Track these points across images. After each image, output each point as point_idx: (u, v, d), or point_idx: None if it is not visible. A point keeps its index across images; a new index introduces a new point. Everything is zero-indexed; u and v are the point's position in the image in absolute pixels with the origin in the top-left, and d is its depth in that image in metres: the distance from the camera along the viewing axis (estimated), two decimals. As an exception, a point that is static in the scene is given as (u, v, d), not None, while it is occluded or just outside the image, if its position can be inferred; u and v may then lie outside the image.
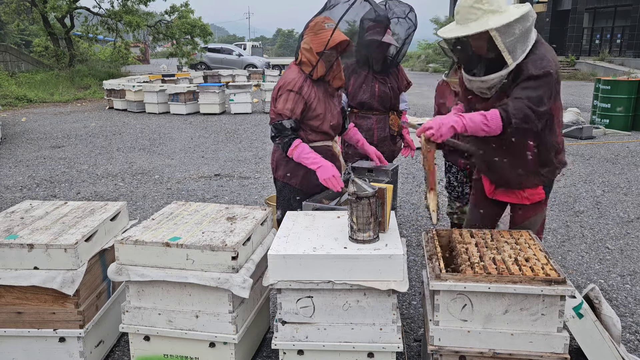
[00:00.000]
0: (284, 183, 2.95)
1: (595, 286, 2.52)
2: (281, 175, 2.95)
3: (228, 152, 8.04)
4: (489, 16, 2.20)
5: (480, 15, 2.21)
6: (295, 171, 2.89)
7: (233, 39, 78.35)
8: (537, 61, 2.21)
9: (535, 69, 2.19)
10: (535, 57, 2.22)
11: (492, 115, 2.20)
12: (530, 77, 2.19)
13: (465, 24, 2.25)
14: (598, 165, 6.98)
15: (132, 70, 23.50)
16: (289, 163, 2.89)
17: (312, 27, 2.73)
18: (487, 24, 2.17)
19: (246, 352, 2.47)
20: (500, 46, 2.18)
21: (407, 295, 3.29)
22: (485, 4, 2.20)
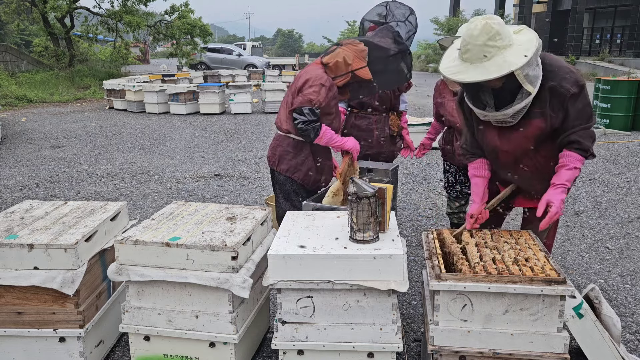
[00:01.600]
0: (286, 177, 3.01)
1: (595, 286, 2.52)
2: (284, 169, 3.01)
3: (228, 152, 8.04)
4: (503, 53, 2.08)
5: (494, 52, 2.08)
6: (300, 166, 2.98)
7: (233, 39, 78.33)
8: (568, 77, 2.20)
9: (572, 86, 2.19)
10: (563, 74, 2.20)
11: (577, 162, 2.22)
12: (573, 95, 2.20)
13: (478, 63, 2.10)
14: (598, 165, 6.98)
15: (132, 70, 23.49)
16: (294, 158, 2.97)
17: (358, 51, 2.97)
18: (508, 63, 2.06)
19: (246, 352, 2.47)
20: (523, 81, 2.11)
21: (407, 295, 3.29)
22: (499, 40, 2.08)
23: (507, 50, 2.09)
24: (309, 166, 2.99)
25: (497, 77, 2.07)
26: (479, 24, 2.09)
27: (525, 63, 2.06)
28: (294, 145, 2.99)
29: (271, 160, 3.09)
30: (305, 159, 2.98)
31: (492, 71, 2.07)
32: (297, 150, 2.98)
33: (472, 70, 2.11)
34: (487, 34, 2.07)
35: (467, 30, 2.13)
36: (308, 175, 3.00)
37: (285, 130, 2.99)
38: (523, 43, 2.13)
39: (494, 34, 2.07)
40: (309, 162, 2.99)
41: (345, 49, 2.98)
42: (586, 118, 2.23)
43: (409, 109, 12.23)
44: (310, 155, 2.99)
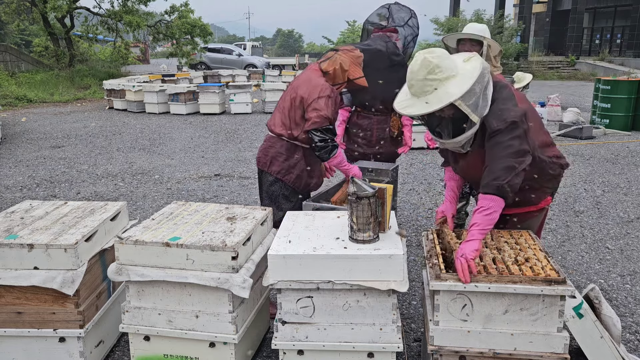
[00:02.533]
0: (276, 179, 3.00)
1: (595, 286, 2.52)
2: (275, 171, 2.99)
3: (228, 152, 8.04)
4: (446, 84, 2.11)
5: (436, 85, 2.11)
6: (292, 169, 2.98)
7: (233, 39, 78.33)
8: (498, 113, 2.17)
9: (497, 122, 2.15)
10: (496, 109, 2.18)
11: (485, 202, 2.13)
12: (495, 132, 2.16)
13: (423, 97, 2.15)
14: (598, 165, 6.98)
15: (132, 70, 23.50)
16: (286, 161, 2.97)
17: (355, 57, 3.00)
18: (448, 94, 2.08)
19: (246, 352, 2.47)
20: (466, 110, 2.11)
21: (407, 295, 3.29)
22: (439, 73, 2.10)
23: (450, 81, 2.12)
24: (300, 169, 2.99)
25: (437, 109, 2.10)
26: (418, 59, 2.14)
27: (465, 93, 2.07)
28: (287, 148, 2.97)
29: (262, 162, 3.06)
30: (298, 162, 2.98)
31: (434, 104, 2.11)
32: (290, 153, 2.97)
33: (418, 103, 2.17)
34: (426, 69, 2.11)
35: (410, 66, 2.18)
36: (299, 178, 3.00)
37: (279, 133, 2.97)
38: (467, 73, 2.13)
39: (432, 67, 2.10)
40: (301, 165, 2.99)
41: (342, 54, 2.98)
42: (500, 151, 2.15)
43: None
44: (303, 159, 2.99)
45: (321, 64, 3.00)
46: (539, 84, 19.63)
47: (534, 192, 2.42)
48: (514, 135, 2.15)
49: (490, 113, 2.18)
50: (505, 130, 2.15)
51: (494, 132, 2.16)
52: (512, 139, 2.15)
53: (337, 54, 2.99)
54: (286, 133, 2.95)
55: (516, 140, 2.16)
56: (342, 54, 2.98)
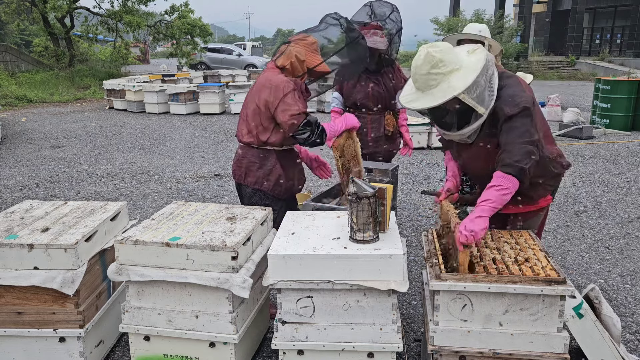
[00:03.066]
0: (254, 190, 2.87)
1: (595, 286, 2.52)
2: (252, 182, 2.86)
3: (228, 152, 8.03)
4: (449, 78, 2.12)
5: (440, 79, 2.13)
6: (268, 176, 2.83)
7: (233, 39, 78.34)
8: (509, 100, 2.17)
9: (510, 108, 2.16)
10: (506, 96, 2.19)
11: (502, 180, 2.13)
12: (509, 117, 2.16)
13: (428, 91, 2.16)
14: (598, 165, 6.98)
15: (132, 70, 23.49)
16: (260, 169, 2.83)
17: (309, 44, 2.84)
18: (452, 88, 2.10)
19: (246, 352, 2.47)
20: (471, 103, 2.12)
21: (407, 295, 3.29)
22: (442, 67, 2.12)
23: (454, 74, 2.13)
24: (277, 174, 2.83)
25: (441, 102, 2.11)
26: (421, 54, 2.15)
27: (469, 86, 2.08)
28: (258, 155, 2.82)
29: (237, 174, 2.92)
30: (273, 167, 2.82)
31: (438, 97, 2.12)
32: (263, 160, 2.82)
33: (422, 98, 2.18)
34: (429, 63, 2.12)
35: (414, 61, 2.20)
36: (278, 183, 2.85)
37: (248, 141, 2.84)
38: (471, 65, 2.14)
39: (436, 62, 2.11)
40: (277, 170, 2.82)
41: (295, 45, 2.83)
42: (518, 136, 2.16)
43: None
44: (277, 163, 2.83)
45: (276, 61, 2.85)
46: (539, 84, 19.62)
47: (535, 190, 2.41)
48: (527, 120, 2.17)
49: (500, 100, 2.19)
50: (519, 115, 2.16)
51: (508, 117, 2.16)
52: (527, 125, 2.16)
53: (289, 46, 2.84)
54: (255, 140, 2.80)
55: (532, 127, 2.17)
56: (294, 45, 2.83)
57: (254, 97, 2.80)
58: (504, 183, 2.12)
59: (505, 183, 2.12)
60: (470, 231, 1.99)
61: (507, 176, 2.12)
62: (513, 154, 2.13)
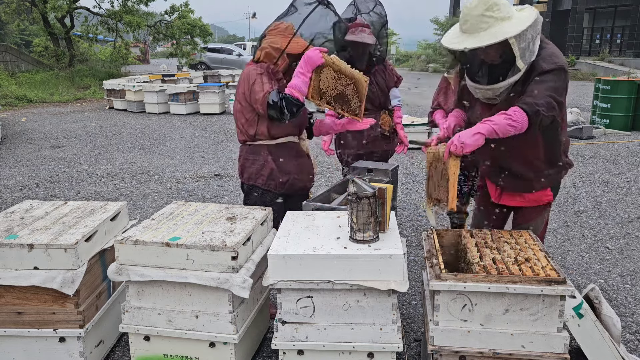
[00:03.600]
0: (250, 185, 2.90)
1: (595, 286, 2.52)
2: (247, 178, 2.89)
3: (228, 152, 8.03)
4: (501, 24, 2.12)
5: (492, 23, 2.12)
6: (260, 171, 2.84)
7: (233, 39, 78.25)
8: (548, 57, 2.19)
9: (547, 64, 2.17)
10: (545, 54, 2.20)
11: (514, 111, 2.12)
12: (544, 71, 2.17)
13: (476, 33, 2.15)
14: (598, 165, 6.98)
15: (132, 70, 23.49)
16: (252, 165, 2.85)
17: (282, 30, 2.76)
18: (503, 31, 2.09)
19: (246, 352, 2.47)
20: (517, 52, 2.12)
21: (407, 295, 3.29)
22: (496, 11, 2.12)
23: (505, 21, 2.13)
24: (269, 168, 2.82)
25: (490, 43, 2.10)
26: None
27: (520, 33, 2.09)
28: (250, 151, 2.85)
29: (238, 174, 2.98)
30: (265, 161, 2.82)
31: (486, 39, 2.11)
32: (254, 156, 2.84)
33: (470, 38, 2.17)
34: (484, 5, 2.12)
35: (466, 3, 2.19)
36: (271, 177, 2.83)
37: (241, 140, 2.88)
38: (522, 18, 2.16)
39: (491, 4, 2.11)
40: (270, 164, 2.81)
41: (268, 37, 2.79)
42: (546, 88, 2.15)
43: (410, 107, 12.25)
44: (269, 156, 2.81)
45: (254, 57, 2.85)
46: (539, 84, 19.58)
47: (536, 174, 2.41)
48: (560, 79, 2.17)
49: (539, 56, 2.18)
50: (553, 72, 2.16)
51: (543, 71, 2.16)
52: (559, 83, 2.16)
53: (264, 39, 2.81)
54: (246, 136, 2.83)
55: (561, 88, 2.17)
56: (268, 36, 2.80)
57: (237, 96, 2.84)
58: (514, 115, 2.12)
59: (515, 115, 2.11)
60: (462, 142, 2.00)
61: (520, 110, 2.11)
62: (534, 97, 2.14)
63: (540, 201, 2.51)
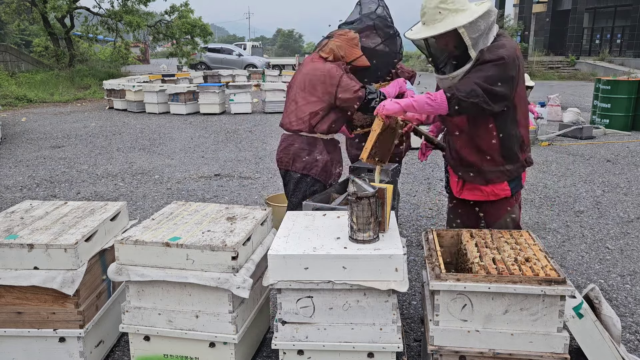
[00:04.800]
0: (302, 175, 3.01)
1: (595, 286, 2.52)
2: (300, 168, 3.00)
3: (228, 152, 8.04)
4: (454, 15, 2.28)
5: (446, 14, 2.29)
6: (315, 162, 2.98)
7: (233, 39, 78.35)
8: (493, 49, 2.30)
9: (489, 54, 2.28)
10: (493, 46, 2.32)
11: (437, 97, 2.31)
12: (484, 61, 2.28)
13: (432, 25, 2.33)
14: (598, 165, 6.98)
15: (132, 70, 23.49)
16: (309, 155, 2.97)
17: (349, 39, 2.98)
18: (454, 22, 2.26)
19: (246, 352, 2.47)
20: (468, 42, 2.26)
21: (407, 295, 3.29)
22: (450, 3, 2.29)
23: (459, 13, 2.29)
24: (324, 161, 2.99)
25: (441, 32, 2.26)
26: None
27: (470, 23, 2.23)
28: (307, 142, 2.98)
29: (284, 162, 3.06)
30: (320, 153, 2.98)
31: (439, 28, 2.29)
32: (311, 147, 2.97)
33: (426, 29, 2.36)
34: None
35: None
36: (325, 170, 3.01)
37: (297, 129, 2.97)
38: (476, 10, 2.29)
39: None
40: (325, 157, 2.99)
41: (336, 40, 2.96)
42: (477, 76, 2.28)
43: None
44: (325, 150, 3.00)
45: (320, 53, 2.98)
46: (539, 84, 19.60)
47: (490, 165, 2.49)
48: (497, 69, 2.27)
49: (486, 49, 2.31)
50: (492, 62, 2.28)
51: (485, 61, 2.29)
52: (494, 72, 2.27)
53: (331, 40, 2.97)
54: (306, 128, 2.94)
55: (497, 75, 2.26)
56: (335, 39, 2.97)
57: (302, 84, 2.94)
58: (435, 97, 2.32)
59: (436, 97, 2.32)
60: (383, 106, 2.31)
61: (443, 95, 2.30)
62: (460, 84, 2.31)
63: (498, 195, 2.54)
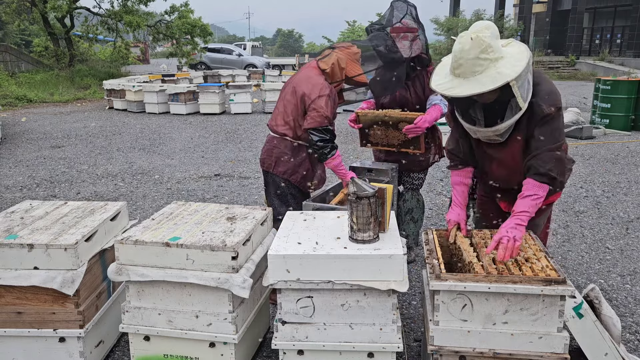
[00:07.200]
0: (283, 179, 3.03)
1: (595, 286, 2.52)
2: (282, 172, 3.01)
3: (228, 152, 8.04)
4: (496, 65, 2.05)
5: (487, 65, 2.04)
6: (297, 168, 3.00)
7: (233, 39, 78.32)
8: (546, 97, 2.16)
9: (547, 106, 2.15)
10: (543, 93, 2.16)
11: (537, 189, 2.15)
12: (546, 116, 2.15)
13: (472, 77, 2.06)
14: (598, 165, 6.98)
15: (132, 70, 23.49)
16: (290, 160, 2.98)
17: (352, 54, 2.99)
18: (502, 75, 2.02)
19: (246, 352, 2.47)
20: (517, 94, 2.06)
21: (407, 295, 3.29)
22: (491, 52, 2.04)
23: (500, 62, 2.05)
24: (306, 168, 3.02)
25: (492, 89, 2.02)
26: (468, 39, 2.05)
27: (519, 74, 2.03)
28: (291, 148, 2.99)
29: (266, 163, 3.07)
30: (303, 161, 3.01)
31: (486, 83, 2.03)
32: (294, 153, 2.99)
33: (466, 84, 2.07)
34: (479, 47, 2.03)
35: (458, 45, 2.09)
36: (305, 178, 3.03)
37: (282, 133, 2.99)
38: (514, 55, 2.11)
39: (485, 46, 2.03)
40: (306, 165, 3.02)
41: (338, 52, 2.98)
42: (552, 141, 2.17)
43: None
44: (307, 159, 3.02)
45: (319, 62, 2.99)
46: (539, 84, 19.61)
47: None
48: (559, 121, 2.19)
49: (538, 96, 2.15)
50: (555, 116, 2.17)
51: (546, 116, 2.15)
52: (560, 127, 2.19)
53: (334, 51, 2.99)
54: (291, 133, 2.96)
55: (562, 129, 2.20)
56: (338, 51, 2.98)
57: (293, 90, 2.94)
58: (539, 193, 2.16)
59: (539, 192, 2.16)
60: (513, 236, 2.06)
61: (542, 185, 2.16)
62: (545, 162, 2.16)
63: (551, 200, 2.52)
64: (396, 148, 3.37)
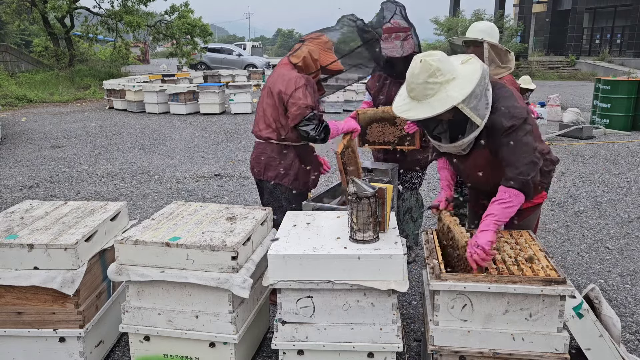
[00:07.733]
0: (275, 184, 2.96)
1: (595, 286, 2.52)
2: (272, 176, 2.95)
3: (228, 152, 8.04)
4: (447, 88, 2.09)
5: (437, 89, 2.09)
6: (288, 170, 2.93)
7: (233, 39, 78.36)
8: (506, 112, 2.17)
9: (507, 120, 2.15)
10: (503, 109, 2.18)
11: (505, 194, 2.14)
12: (507, 129, 2.15)
13: (424, 101, 2.13)
14: (598, 165, 6.98)
15: (132, 70, 23.48)
16: (280, 163, 2.92)
17: (322, 43, 2.95)
18: (450, 98, 2.07)
19: (246, 352, 2.47)
20: (469, 113, 2.09)
21: (407, 295, 3.29)
22: (440, 76, 2.08)
23: (450, 84, 2.10)
24: (296, 169, 2.94)
25: (440, 112, 2.07)
26: (418, 62, 2.11)
27: (468, 96, 2.05)
28: (278, 151, 2.92)
29: (255, 170, 3.01)
30: (292, 162, 2.92)
31: (436, 107, 2.08)
32: (282, 156, 2.92)
33: (419, 107, 2.14)
34: (426, 72, 2.08)
35: (410, 69, 2.15)
36: (297, 178, 2.96)
37: (266, 137, 2.92)
38: (467, 75, 2.12)
39: (433, 71, 2.08)
40: (296, 165, 2.93)
41: (309, 44, 2.92)
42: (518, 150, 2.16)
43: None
44: (297, 158, 2.94)
45: (290, 58, 2.93)
46: (539, 84, 19.58)
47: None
48: (527, 131, 2.17)
49: (497, 112, 2.17)
50: (519, 127, 2.16)
51: (508, 129, 2.16)
52: (527, 135, 2.17)
53: (304, 44, 2.93)
54: (275, 135, 2.89)
55: (530, 137, 2.18)
56: (309, 43, 2.93)
57: (269, 92, 2.89)
58: (506, 197, 2.14)
59: (508, 197, 2.14)
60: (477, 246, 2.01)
61: (511, 190, 2.14)
62: (516, 167, 2.15)
63: (536, 201, 2.53)
64: (392, 145, 3.37)
